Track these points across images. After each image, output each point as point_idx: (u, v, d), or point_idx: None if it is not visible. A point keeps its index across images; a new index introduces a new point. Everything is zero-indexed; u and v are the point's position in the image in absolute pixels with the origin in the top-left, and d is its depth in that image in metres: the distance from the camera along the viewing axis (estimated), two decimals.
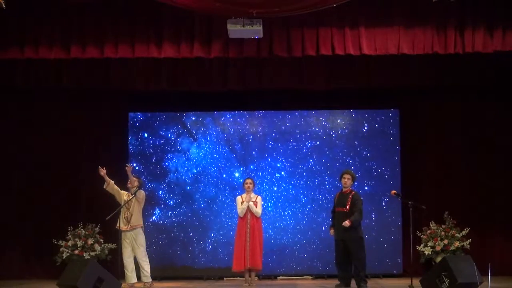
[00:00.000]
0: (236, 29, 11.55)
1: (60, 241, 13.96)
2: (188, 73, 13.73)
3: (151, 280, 12.65)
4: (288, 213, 14.70)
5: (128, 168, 12.63)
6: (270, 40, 12.18)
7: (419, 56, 12.31)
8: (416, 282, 11.45)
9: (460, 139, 14.78)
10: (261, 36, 11.83)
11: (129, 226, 12.46)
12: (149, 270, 12.58)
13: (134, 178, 12.65)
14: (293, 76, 13.80)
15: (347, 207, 12.11)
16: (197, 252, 14.60)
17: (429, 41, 12.05)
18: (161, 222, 14.70)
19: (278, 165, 14.80)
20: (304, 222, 14.66)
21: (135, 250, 12.53)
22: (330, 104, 14.86)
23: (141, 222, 12.67)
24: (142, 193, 12.69)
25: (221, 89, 13.97)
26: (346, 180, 12.32)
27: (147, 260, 12.63)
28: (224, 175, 14.81)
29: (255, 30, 11.60)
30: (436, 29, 12.03)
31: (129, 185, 12.64)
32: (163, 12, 12.05)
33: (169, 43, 12.13)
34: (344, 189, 12.37)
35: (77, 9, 12.06)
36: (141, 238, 12.60)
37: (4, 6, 10.84)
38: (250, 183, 12.88)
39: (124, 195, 12.64)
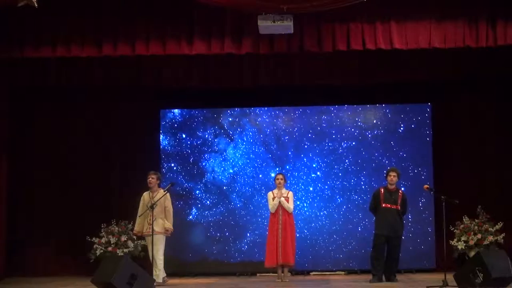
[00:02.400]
0: (266, 25, 11.61)
1: (94, 238, 14.03)
2: (219, 70, 13.82)
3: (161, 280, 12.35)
4: (324, 213, 14.63)
5: None
6: (300, 35, 12.23)
7: (451, 49, 12.21)
8: (450, 277, 11.27)
9: (493, 134, 14.59)
10: (292, 31, 11.85)
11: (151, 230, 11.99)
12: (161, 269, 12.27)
13: (154, 178, 12.45)
14: (324, 72, 13.82)
15: (398, 205, 12.36)
16: (232, 252, 14.62)
17: (460, 34, 11.99)
18: (197, 221, 14.76)
19: (314, 165, 14.77)
20: (340, 222, 14.58)
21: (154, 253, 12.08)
22: (361, 99, 14.77)
23: (163, 229, 12.34)
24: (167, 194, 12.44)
25: (252, 85, 14.05)
26: (392, 177, 12.44)
27: (162, 262, 12.30)
28: (260, 175, 14.83)
29: (285, 26, 11.63)
30: (468, 22, 11.96)
31: (150, 184, 12.48)
32: (194, 9, 12.17)
33: (200, 39, 12.24)
34: (390, 186, 12.47)
35: (109, 7, 12.29)
36: (161, 248, 12.27)
37: (36, 4, 11.01)
38: (281, 179, 12.83)
39: (145, 196, 12.50)
